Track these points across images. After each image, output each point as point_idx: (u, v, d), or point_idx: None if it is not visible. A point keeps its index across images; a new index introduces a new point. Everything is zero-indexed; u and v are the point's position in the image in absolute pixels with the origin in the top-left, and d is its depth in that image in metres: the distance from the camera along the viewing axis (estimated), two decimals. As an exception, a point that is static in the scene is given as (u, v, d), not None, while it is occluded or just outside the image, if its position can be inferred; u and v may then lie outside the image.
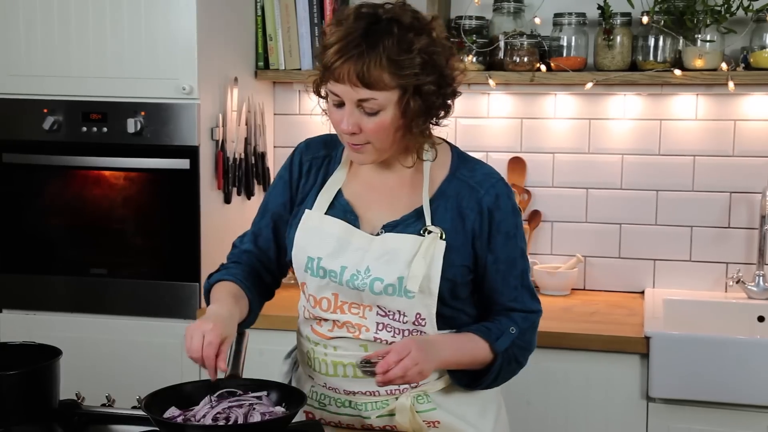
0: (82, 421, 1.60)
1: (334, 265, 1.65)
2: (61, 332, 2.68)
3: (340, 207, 1.70)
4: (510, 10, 2.88)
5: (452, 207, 1.66)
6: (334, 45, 1.52)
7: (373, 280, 1.63)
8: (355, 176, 1.73)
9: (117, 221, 2.77)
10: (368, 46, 1.50)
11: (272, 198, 1.80)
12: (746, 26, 2.71)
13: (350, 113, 1.56)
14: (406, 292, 1.62)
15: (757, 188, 2.85)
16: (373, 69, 1.50)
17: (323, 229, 1.68)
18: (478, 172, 1.70)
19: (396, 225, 1.66)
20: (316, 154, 1.77)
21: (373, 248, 1.64)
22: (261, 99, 3.04)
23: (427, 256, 1.62)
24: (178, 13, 2.64)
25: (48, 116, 2.73)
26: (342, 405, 1.73)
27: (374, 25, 1.53)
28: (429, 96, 1.56)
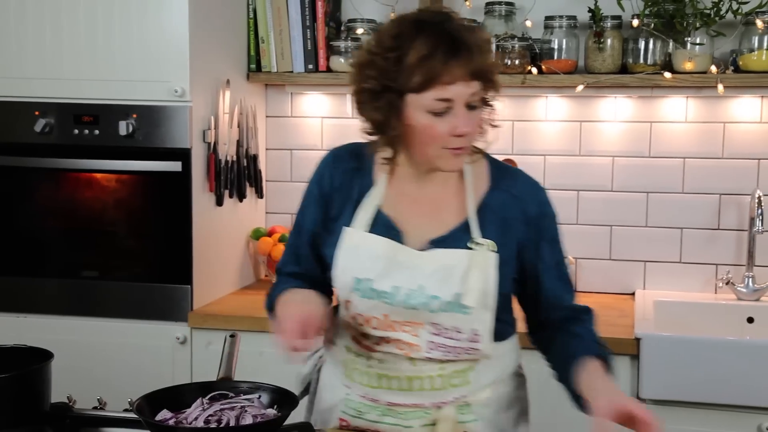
0: (74, 424, 1.60)
1: (385, 285, 1.62)
2: (53, 335, 2.68)
3: (382, 223, 1.65)
4: (501, 12, 2.89)
5: (498, 219, 1.65)
6: (436, 52, 1.50)
7: (430, 298, 1.60)
8: (393, 189, 1.68)
9: (109, 224, 2.76)
10: (465, 43, 1.51)
11: (306, 216, 1.74)
12: (735, 29, 2.72)
13: (464, 113, 1.54)
14: (463, 308, 1.60)
15: (746, 190, 2.87)
16: (477, 60, 1.52)
17: (367, 248, 1.63)
18: (519, 182, 1.70)
19: (444, 240, 1.64)
20: (346, 166, 1.70)
21: (424, 265, 1.61)
22: (253, 101, 3.05)
23: (482, 270, 1.61)
24: (170, 15, 2.64)
25: (39, 119, 2.73)
26: (383, 414, 1.70)
27: (446, 23, 1.54)
28: (496, 84, 1.59)
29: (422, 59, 1.50)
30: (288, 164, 3.21)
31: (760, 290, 2.83)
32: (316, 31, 2.97)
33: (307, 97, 3.17)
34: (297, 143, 3.20)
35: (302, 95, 3.18)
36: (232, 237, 2.99)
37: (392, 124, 1.56)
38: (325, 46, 2.98)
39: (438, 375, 1.67)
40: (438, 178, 1.66)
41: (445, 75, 1.50)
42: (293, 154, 3.21)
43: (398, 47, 1.52)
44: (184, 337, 2.69)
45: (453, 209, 1.66)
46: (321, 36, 2.97)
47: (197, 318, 2.68)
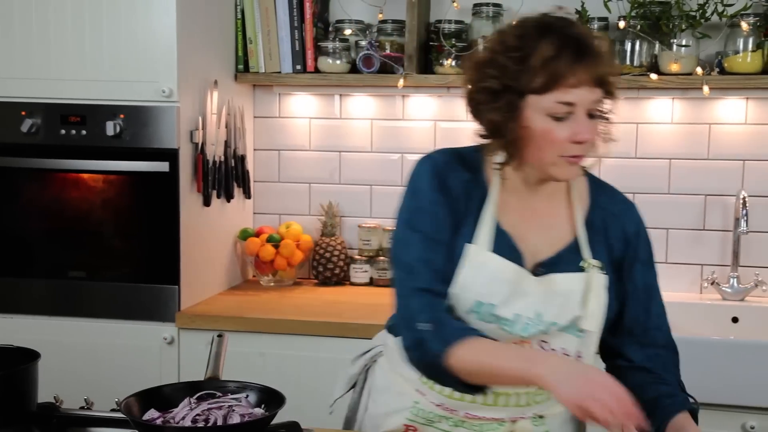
0: (61, 424, 1.60)
1: (507, 313, 1.56)
2: (40, 335, 2.68)
3: (504, 243, 1.58)
4: (489, 14, 2.91)
5: (602, 239, 1.63)
6: (562, 53, 1.46)
7: (547, 325, 1.57)
8: (504, 201, 1.61)
9: (96, 224, 2.76)
10: (592, 47, 1.49)
11: (439, 226, 1.58)
12: (721, 31, 2.75)
13: (585, 120, 1.50)
14: (579, 332, 1.59)
15: (731, 191, 2.89)
16: (602, 67, 1.49)
17: (492, 271, 1.56)
18: (617, 200, 1.68)
19: (555, 262, 1.60)
20: (462, 177, 1.60)
21: (540, 291, 1.57)
22: (241, 102, 3.05)
23: (597, 293, 1.58)
24: (157, 15, 2.63)
25: (26, 119, 2.72)
26: (456, 424, 1.67)
27: (571, 27, 1.51)
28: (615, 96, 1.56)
29: (548, 60, 1.46)
30: (276, 165, 3.21)
31: (744, 290, 2.85)
32: (304, 31, 2.98)
33: (294, 98, 3.18)
34: (285, 144, 3.20)
35: (290, 96, 3.18)
36: (220, 237, 2.99)
37: (510, 126, 1.51)
38: (313, 47, 2.98)
39: (525, 392, 1.64)
40: (545, 191, 1.62)
41: (570, 77, 1.47)
42: (281, 155, 3.21)
43: (522, 47, 1.49)
44: (171, 338, 2.69)
45: (561, 226, 1.63)
46: (309, 37, 2.98)
47: (185, 318, 2.68)
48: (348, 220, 3.18)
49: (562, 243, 1.62)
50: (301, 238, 3.09)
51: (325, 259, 3.07)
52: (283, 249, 3.02)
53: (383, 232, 3.10)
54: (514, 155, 1.55)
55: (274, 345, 2.63)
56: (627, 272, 1.65)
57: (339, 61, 2.97)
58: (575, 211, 1.63)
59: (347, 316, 2.67)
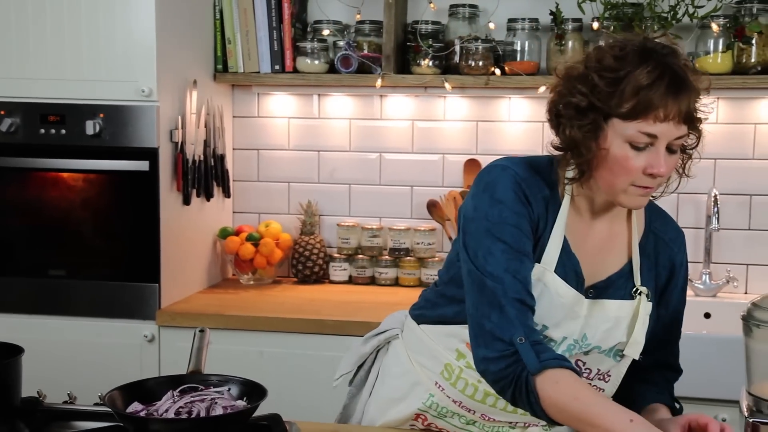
0: (44, 417, 1.61)
1: (556, 335, 1.58)
2: (20, 333, 2.66)
3: (570, 266, 1.58)
4: (465, 15, 2.94)
5: (651, 265, 1.64)
6: (656, 84, 1.44)
7: (592, 348, 1.59)
8: (573, 222, 1.60)
9: (76, 223, 2.77)
10: (688, 82, 1.46)
11: (522, 239, 1.55)
12: (692, 32, 2.80)
13: (663, 153, 1.48)
14: (617, 355, 1.61)
15: (702, 189, 2.93)
16: (693, 104, 1.47)
17: (553, 294, 1.56)
18: (670, 228, 1.69)
19: (607, 286, 1.61)
20: (542, 193, 1.57)
21: (591, 315, 1.58)
22: (220, 102, 3.07)
23: (642, 321, 1.60)
24: (136, 15, 2.65)
25: (5, 118, 2.72)
26: (468, 423, 1.71)
27: (672, 58, 1.47)
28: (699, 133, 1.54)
29: (641, 88, 1.44)
30: (255, 164, 3.23)
31: (716, 287, 2.90)
32: (283, 32, 3.00)
33: (273, 98, 3.20)
34: (264, 143, 3.22)
35: (269, 95, 3.20)
36: (200, 236, 3.00)
37: (589, 144, 1.50)
38: (291, 47, 3.01)
39: None
40: (608, 215, 1.61)
41: (660, 110, 1.44)
42: (260, 154, 3.23)
43: (619, 69, 1.46)
44: (152, 335, 2.70)
45: (618, 250, 1.63)
46: (287, 37, 3.00)
47: (165, 316, 2.70)
48: (327, 218, 3.20)
49: (615, 267, 1.62)
50: (280, 237, 3.11)
51: (305, 257, 3.10)
52: (263, 247, 3.04)
53: (362, 230, 3.13)
54: (586, 174, 1.53)
55: (254, 342, 2.65)
56: (664, 297, 1.68)
57: (317, 62, 3.00)
58: (633, 235, 1.63)
59: (326, 313, 2.70)
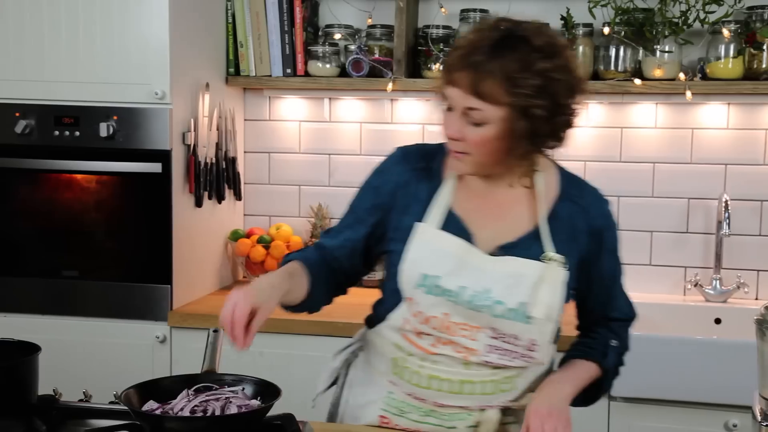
0: (60, 415, 1.62)
1: (452, 284, 1.63)
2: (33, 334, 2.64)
3: (453, 223, 1.66)
4: (476, 19, 2.94)
5: (566, 230, 1.67)
6: (460, 50, 1.54)
7: (494, 302, 1.62)
8: (464, 191, 1.69)
9: (89, 224, 2.78)
10: (490, 58, 1.51)
11: (358, 201, 1.77)
12: (703, 38, 2.80)
13: (456, 119, 1.56)
14: (527, 318, 1.62)
15: (713, 194, 2.94)
16: (488, 80, 1.51)
17: (439, 246, 1.64)
18: (587, 193, 1.72)
19: (514, 246, 1.65)
20: (414, 165, 1.72)
21: (493, 270, 1.63)
22: (232, 105, 3.08)
23: (552, 284, 1.63)
24: (150, 18, 2.67)
25: (20, 120, 2.74)
26: (426, 414, 1.72)
27: (504, 39, 1.53)
28: (537, 121, 1.54)
29: (452, 49, 1.57)
30: (266, 167, 3.25)
31: (727, 292, 2.90)
32: (294, 35, 3.02)
33: (284, 101, 3.22)
34: (275, 146, 3.23)
35: (280, 99, 3.22)
36: (211, 238, 3.02)
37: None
38: (303, 51, 3.02)
39: (490, 380, 1.68)
40: (505, 182, 1.67)
41: (454, 74, 1.54)
42: (271, 157, 3.24)
43: (463, 36, 1.59)
44: (163, 336, 2.72)
45: (522, 215, 1.67)
46: (299, 41, 3.02)
47: (177, 317, 2.71)
48: (337, 221, 3.20)
49: (522, 230, 1.67)
50: (291, 240, 3.12)
51: (315, 260, 3.10)
52: (274, 250, 3.05)
53: (372, 234, 3.13)
54: None
55: (264, 344, 2.66)
56: (595, 263, 1.72)
57: (328, 65, 3.01)
58: (539, 202, 1.67)
59: (336, 315, 2.68)
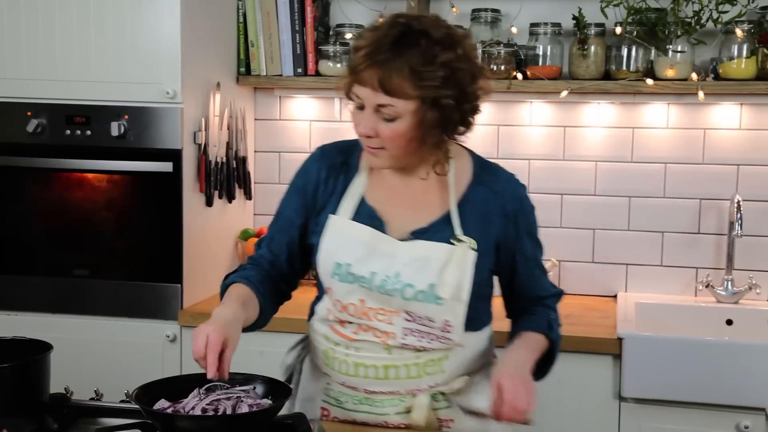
0: (72, 413, 1.63)
1: (363, 270, 1.68)
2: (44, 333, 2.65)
3: (365, 213, 1.72)
4: (487, 19, 2.95)
5: (478, 213, 1.71)
6: (363, 49, 1.57)
7: (404, 285, 1.66)
8: (377, 182, 1.75)
9: (100, 223, 2.79)
10: (394, 54, 1.55)
11: (286, 204, 1.82)
12: (715, 38, 2.79)
13: (368, 117, 1.60)
14: (437, 299, 1.66)
15: (725, 195, 2.93)
16: (395, 77, 1.55)
17: (350, 235, 1.70)
18: (500, 178, 1.75)
19: (425, 231, 1.69)
20: (332, 161, 1.78)
21: (403, 254, 1.67)
22: (242, 104, 3.09)
23: (459, 265, 1.66)
24: (161, 18, 2.67)
25: (32, 119, 2.75)
26: (360, 402, 1.76)
27: (404, 35, 1.57)
28: (446, 110, 1.59)
29: (355, 50, 1.59)
30: (276, 166, 3.25)
31: (738, 293, 2.89)
32: (305, 35, 3.02)
33: (295, 101, 3.22)
34: (285, 146, 3.23)
35: (291, 98, 3.22)
36: (222, 237, 3.02)
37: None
38: (313, 51, 3.02)
39: (414, 364, 1.73)
40: (420, 172, 1.72)
41: (361, 74, 1.58)
42: (281, 157, 3.24)
43: (363, 35, 1.62)
44: (174, 335, 2.72)
45: (435, 202, 1.72)
46: (310, 40, 3.02)
47: (187, 316, 2.72)
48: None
49: (434, 216, 1.71)
50: (301, 240, 3.11)
51: (325, 260, 3.10)
52: (284, 250, 3.05)
53: (382, 233, 3.13)
54: None
55: (275, 343, 2.65)
56: (512, 246, 1.75)
57: (339, 65, 3.01)
58: (450, 188, 1.71)
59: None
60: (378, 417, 1.75)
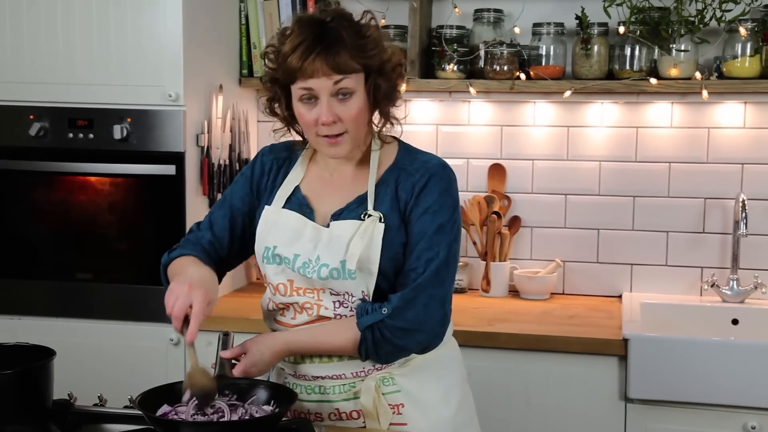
0: (75, 420, 1.62)
1: (287, 252, 1.75)
2: (47, 336, 2.68)
3: (296, 201, 1.80)
4: (490, 19, 2.94)
5: (391, 191, 1.76)
6: (296, 49, 1.64)
7: (320, 266, 1.72)
8: (311, 173, 1.84)
9: (103, 226, 2.79)
10: (331, 39, 1.65)
11: (233, 191, 1.89)
12: (719, 36, 2.78)
13: (327, 104, 1.66)
14: (349, 273, 1.70)
15: (730, 194, 2.92)
16: (342, 55, 1.65)
17: (280, 221, 1.78)
18: (417, 161, 1.79)
19: (341, 212, 1.76)
20: (278, 155, 1.88)
21: (323, 237, 1.75)
22: (245, 106, 3.08)
23: (365, 237, 1.71)
24: (164, 21, 2.67)
25: (34, 122, 2.75)
26: (312, 391, 1.79)
27: (324, 24, 1.67)
28: (390, 74, 1.73)
29: (287, 55, 1.65)
30: (279, 169, 3.23)
31: (744, 292, 2.88)
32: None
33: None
34: (288, 148, 3.22)
35: (294, 100, 3.20)
36: (225, 240, 3.01)
37: (285, 112, 1.77)
38: (316, 52, 3.01)
39: None
40: (351, 161, 1.79)
41: (306, 68, 1.64)
42: (285, 159, 3.23)
43: (279, 43, 1.69)
44: (177, 339, 2.72)
45: (356, 186, 1.79)
46: (312, 42, 3.00)
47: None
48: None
49: (351, 198, 1.78)
50: (304, 241, 3.11)
51: (329, 261, 3.10)
52: (287, 252, 3.05)
53: (386, 235, 3.12)
54: (302, 137, 1.81)
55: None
56: (408, 220, 1.75)
57: (342, 66, 3.00)
58: (371, 172, 1.78)
59: (351, 317, 2.69)
60: (330, 405, 1.77)
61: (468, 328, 2.53)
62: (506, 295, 3.04)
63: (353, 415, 1.77)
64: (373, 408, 1.74)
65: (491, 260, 3.03)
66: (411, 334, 1.70)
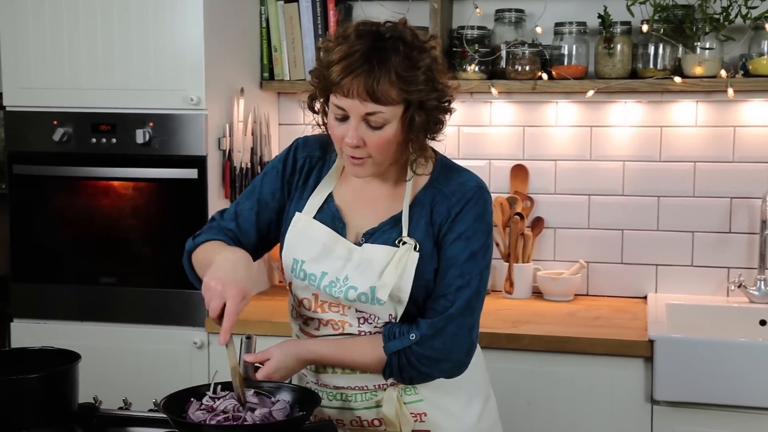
0: (101, 423, 1.63)
1: (315, 269, 1.71)
2: (72, 340, 2.67)
3: (329, 212, 1.74)
4: (511, 19, 2.93)
5: (426, 213, 1.70)
6: (341, 61, 1.56)
7: (348, 288, 1.68)
8: (345, 182, 1.77)
9: (126, 231, 2.80)
10: (378, 62, 1.55)
11: (262, 184, 1.82)
12: (745, 34, 2.75)
13: (356, 127, 1.59)
14: (378, 301, 1.66)
15: (757, 193, 2.89)
16: (383, 84, 1.55)
17: (310, 234, 1.73)
18: (453, 182, 1.72)
19: (374, 233, 1.71)
20: (311, 153, 1.80)
21: (354, 258, 1.69)
22: (266, 109, 3.08)
23: (399, 267, 1.66)
24: (184, 25, 2.68)
25: (58, 128, 2.77)
26: (333, 398, 1.77)
27: (380, 42, 1.57)
28: (432, 111, 1.62)
29: (330, 63, 1.57)
30: (301, 171, 3.24)
31: (771, 293, 2.85)
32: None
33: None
34: (310, 151, 3.22)
35: (314, 103, 3.20)
36: (247, 243, 3.01)
37: (317, 110, 1.69)
38: (337, 55, 3.01)
39: None
40: (387, 177, 1.72)
41: (344, 85, 1.56)
42: (306, 162, 3.23)
43: (330, 48, 1.60)
44: (201, 342, 2.72)
45: (390, 205, 1.72)
46: (333, 44, 3.00)
47: (214, 323, 2.70)
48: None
49: (385, 218, 1.72)
50: (327, 244, 3.11)
51: (351, 264, 3.09)
52: (310, 255, 3.04)
53: (408, 237, 3.12)
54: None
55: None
56: (441, 244, 1.70)
57: (363, 68, 3.00)
58: (406, 191, 1.71)
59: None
60: (352, 413, 1.76)
61: (491, 330, 2.52)
62: (530, 297, 3.03)
63: (375, 423, 1.76)
64: (395, 418, 1.73)
65: (514, 261, 3.01)
66: (437, 363, 1.68)
